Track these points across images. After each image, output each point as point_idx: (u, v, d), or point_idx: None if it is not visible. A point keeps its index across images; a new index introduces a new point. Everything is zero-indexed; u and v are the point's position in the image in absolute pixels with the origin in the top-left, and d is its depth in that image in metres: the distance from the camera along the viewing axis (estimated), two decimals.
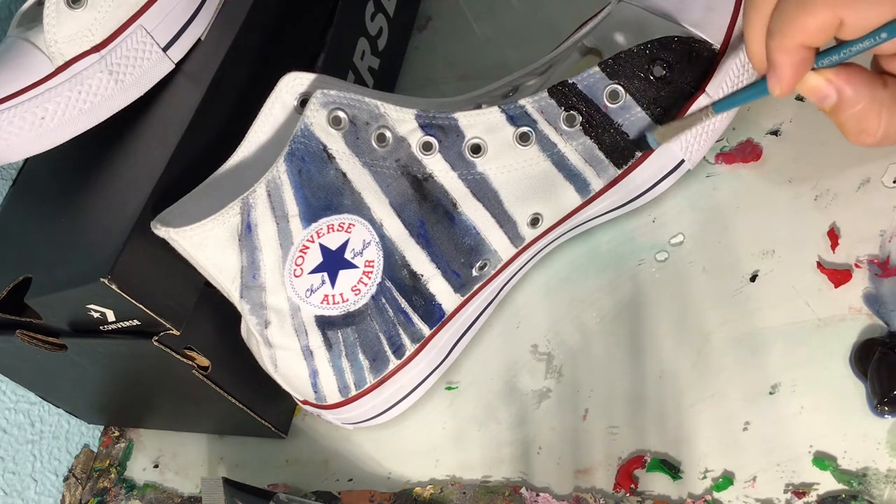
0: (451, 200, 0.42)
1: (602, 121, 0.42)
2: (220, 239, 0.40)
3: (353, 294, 0.42)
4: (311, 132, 0.40)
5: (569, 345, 0.46)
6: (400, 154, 0.41)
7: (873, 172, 0.42)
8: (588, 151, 0.42)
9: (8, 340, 0.48)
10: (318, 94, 0.39)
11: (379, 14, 0.60)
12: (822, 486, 0.37)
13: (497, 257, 0.43)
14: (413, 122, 0.41)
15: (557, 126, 0.42)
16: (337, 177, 0.40)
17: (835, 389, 0.38)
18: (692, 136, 0.44)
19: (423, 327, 0.44)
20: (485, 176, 0.42)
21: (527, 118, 0.41)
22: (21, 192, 0.54)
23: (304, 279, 0.41)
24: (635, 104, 0.42)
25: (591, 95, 0.42)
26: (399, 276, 0.42)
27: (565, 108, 0.41)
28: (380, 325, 0.43)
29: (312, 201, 0.40)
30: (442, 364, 0.47)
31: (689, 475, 0.40)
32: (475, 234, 0.42)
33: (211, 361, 0.45)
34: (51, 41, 0.45)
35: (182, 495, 0.54)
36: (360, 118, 0.40)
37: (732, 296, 0.43)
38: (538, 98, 0.41)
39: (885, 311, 0.39)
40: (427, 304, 0.43)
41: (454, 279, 0.43)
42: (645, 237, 0.47)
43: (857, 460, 0.37)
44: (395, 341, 0.43)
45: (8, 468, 0.56)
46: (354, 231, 0.41)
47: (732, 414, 0.40)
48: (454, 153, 0.41)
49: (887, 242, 0.40)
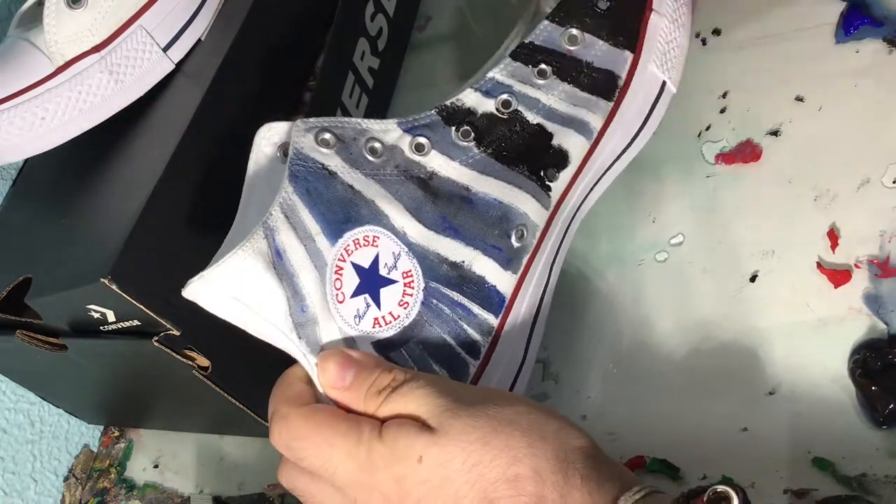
0: (462, 187, 0.42)
1: (572, 64, 0.43)
2: (256, 268, 0.37)
3: (402, 309, 0.40)
4: (305, 154, 0.39)
5: (565, 348, 0.46)
6: (397, 160, 0.41)
7: (873, 172, 0.42)
8: (571, 95, 0.43)
9: (8, 340, 0.48)
10: (299, 122, 0.40)
11: (379, 14, 0.60)
12: (821, 489, 0.37)
13: (531, 221, 0.43)
14: (397, 130, 0.41)
15: (532, 82, 0.42)
16: (345, 190, 0.40)
17: (834, 391, 0.38)
18: (664, 55, 0.45)
19: (487, 316, 0.42)
20: (485, 153, 0.42)
21: (501, 87, 0.42)
22: (21, 192, 0.54)
23: (349, 305, 0.39)
24: (595, 39, 0.43)
25: (551, 46, 0.43)
26: (441, 272, 0.41)
27: (532, 66, 0.42)
28: (441, 327, 0.41)
29: (330, 216, 0.39)
30: (523, 367, 0.45)
31: (688, 479, 0.40)
32: (498, 204, 0.42)
33: (211, 361, 0.45)
34: (51, 41, 0.45)
35: (182, 495, 0.54)
36: (346, 135, 0.40)
37: (732, 296, 0.43)
38: (503, 65, 0.42)
39: (885, 312, 0.39)
40: (480, 289, 0.42)
41: (497, 254, 0.42)
42: (645, 237, 0.47)
43: (856, 464, 0.37)
44: (464, 339, 0.42)
45: (8, 468, 0.56)
46: (381, 244, 0.40)
47: (732, 416, 0.40)
48: (447, 144, 0.41)
49: (887, 242, 0.40)
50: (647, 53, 0.44)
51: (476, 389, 0.36)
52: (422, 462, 0.33)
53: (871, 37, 0.44)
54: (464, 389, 0.35)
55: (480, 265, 0.42)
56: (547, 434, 0.33)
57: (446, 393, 0.34)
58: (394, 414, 0.35)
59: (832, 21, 0.46)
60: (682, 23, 0.45)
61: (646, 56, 0.44)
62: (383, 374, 0.36)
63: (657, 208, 0.47)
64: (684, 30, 0.45)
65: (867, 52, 0.44)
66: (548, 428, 0.33)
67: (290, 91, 0.53)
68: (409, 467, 0.33)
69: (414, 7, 0.65)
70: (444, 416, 0.33)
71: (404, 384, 0.35)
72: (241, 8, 0.50)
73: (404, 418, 0.34)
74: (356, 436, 0.34)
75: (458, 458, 0.32)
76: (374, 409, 0.35)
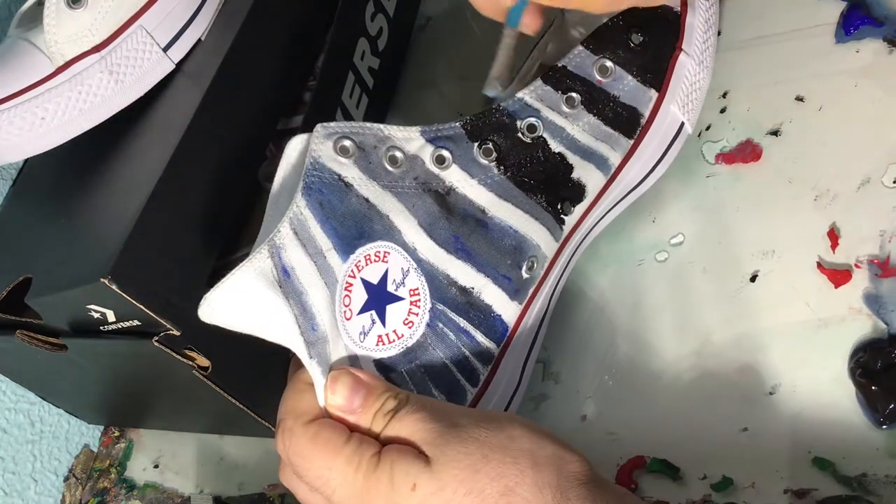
0: (478, 208, 0.41)
1: (600, 96, 0.43)
2: (256, 288, 0.36)
3: (407, 328, 0.40)
4: (322, 164, 0.38)
5: (565, 349, 0.46)
6: (417, 172, 0.40)
7: (873, 172, 0.42)
8: (595, 128, 0.43)
9: (8, 340, 0.48)
10: (319, 128, 0.39)
11: (379, 14, 0.60)
12: (821, 489, 0.37)
13: (542, 253, 0.42)
14: (420, 139, 0.40)
15: (560, 110, 0.42)
16: (360, 203, 0.39)
17: (834, 391, 0.38)
18: (686, 97, 0.44)
19: (489, 345, 0.42)
20: (505, 176, 0.42)
21: (529, 109, 0.42)
22: (21, 192, 0.54)
23: (355, 321, 0.39)
24: (625, 73, 0.43)
25: (583, 74, 0.43)
26: (449, 295, 0.40)
27: (562, 92, 0.42)
28: (444, 351, 0.40)
29: (342, 232, 0.39)
30: (518, 389, 0.45)
31: (688, 479, 0.40)
32: (513, 233, 0.41)
33: (211, 361, 0.45)
34: (51, 41, 0.45)
35: (182, 495, 0.54)
36: (367, 143, 0.39)
37: (732, 296, 0.43)
38: (534, 87, 0.42)
39: (885, 311, 0.39)
40: (486, 317, 0.41)
41: (506, 284, 0.41)
42: (645, 237, 0.47)
43: (856, 464, 0.37)
44: (465, 366, 0.41)
45: (8, 468, 0.56)
46: (391, 259, 0.40)
47: (732, 415, 0.40)
48: (468, 160, 0.41)
49: (887, 242, 0.40)
50: (671, 94, 0.44)
51: (472, 413, 0.36)
52: (415, 490, 0.33)
53: (871, 37, 0.44)
54: (458, 413, 0.35)
55: (489, 294, 0.41)
56: (540, 460, 0.33)
57: (440, 418, 0.34)
58: (393, 437, 0.35)
59: (832, 21, 0.46)
60: (707, 65, 0.46)
61: (670, 96, 0.44)
62: (390, 399, 0.36)
63: (657, 208, 0.47)
64: (708, 72, 0.46)
65: (867, 52, 0.44)
66: (541, 454, 0.33)
67: (289, 91, 0.53)
68: (403, 495, 0.33)
69: (414, 7, 0.65)
70: (436, 444, 0.33)
71: (402, 409, 0.35)
72: (241, 8, 0.50)
73: (402, 444, 0.34)
74: (356, 462, 0.34)
75: (449, 487, 0.32)
76: (378, 431, 0.35)
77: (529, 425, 0.35)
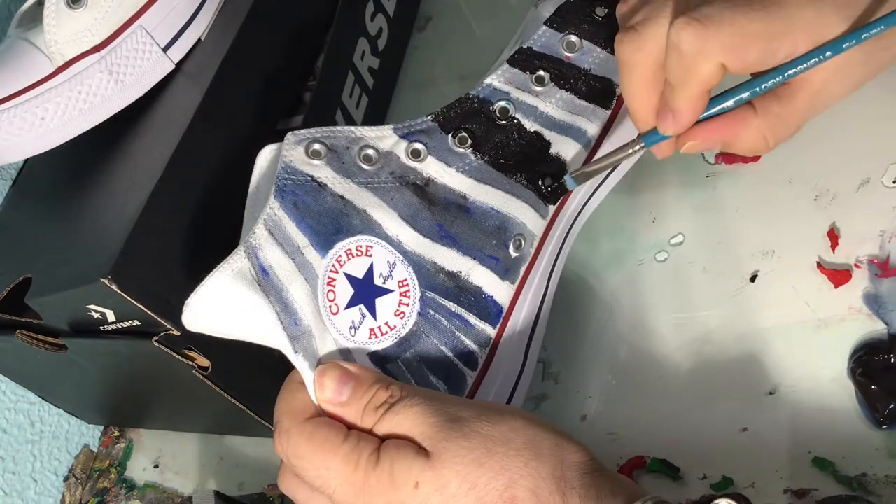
0: (459, 195, 0.41)
1: (570, 71, 0.43)
2: (235, 288, 0.36)
3: (399, 319, 0.40)
4: (294, 167, 0.39)
5: (565, 349, 0.46)
6: (392, 167, 0.40)
7: (873, 172, 0.42)
8: (569, 103, 0.43)
9: (8, 340, 0.48)
10: (290, 136, 0.39)
11: (379, 14, 0.60)
12: (821, 489, 0.37)
13: (529, 231, 0.42)
14: (393, 136, 0.41)
15: (530, 89, 0.42)
16: (335, 200, 0.39)
17: (834, 391, 0.38)
18: None
19: (484, 327, 0.41)
20: (483, 160, 0.42)
21: (499, 93, 0.42)
22: (21, 192, 0.54)
23: (343, 316, 0.39)
24: (594, 46, 0.43)
25: (549, 52, 0.43)
26: (438, 281, 0.41)
27: (530, 72, 0.42)
28: (437, 338, 0.40)
29: (319, 229, 0.39)
30: (522, 374, 0.44)
31: (688, 478, 0.40)
32: (495, 213, 0.41)
33: (211, 361, 0.45)
34: (51, 41, 0.45)
35: (182, 495, 0.54)
36: (338, 145, 0.40)
37: (732, 296, 0.43)
38: (501, 72, 0.42)
39: (885, 311, 0.39)
40: (477, 299, 0.41)
41: (494, 264, 0.42)
42: (645, 237, 0.47)
43: (856, 464, 0.37)
44: (461, 350, 0.41)
45: (8, 468, 0.56)
46: (375, 253, 0.40)
47: (732, 416, 0.40)
48: (444, 151, 0.41)
49: (887, 242, 0.40)
50: None
51: (472, 405, 0.35)
52: (418, 488, 0.32)
53: None
54: (459, 406, 0.35)
55: (478, 275, 0.41)
56: (543, 452, 0.33)
57: (440, 412, 0.34)
58: (391, 432, 0.34)
59: None
60: None
61: None
62: (381, 390, 0.35)
63: (657, 208, 0.47)
64: None
65: None
66: (544, 445, 0.33)
67: (290, 91, 0.53)
68: (406, 493, 0.33)
69: (414, 7, 0.65)
70: (437, 438, 0.33)
71: (399, 402, 0.35)
72: (241, 8, 0.50)
73: (401, 440, 0.34)
74: (354, 460, 0.33)
75: (453, 482, 0.32)
76: (372, 425, 0.35)
77: (530, 417, 0.35)
